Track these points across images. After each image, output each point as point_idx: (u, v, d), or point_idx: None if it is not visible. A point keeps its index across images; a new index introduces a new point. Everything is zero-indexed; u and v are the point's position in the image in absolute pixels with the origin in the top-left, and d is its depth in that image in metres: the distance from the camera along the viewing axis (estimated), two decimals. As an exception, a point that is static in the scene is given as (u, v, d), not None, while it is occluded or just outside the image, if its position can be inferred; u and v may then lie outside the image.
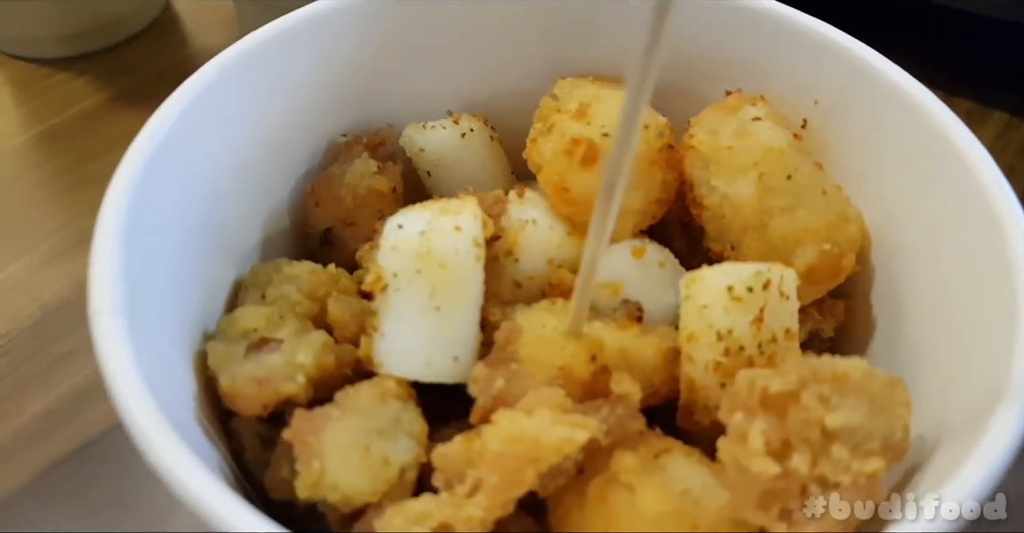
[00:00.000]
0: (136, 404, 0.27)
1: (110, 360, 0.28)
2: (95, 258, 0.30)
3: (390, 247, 0.35)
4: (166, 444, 0.26)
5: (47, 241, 0.61)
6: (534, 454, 0.31)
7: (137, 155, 0.33)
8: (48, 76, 0.76)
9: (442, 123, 0.43)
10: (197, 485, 0.26)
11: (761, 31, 0.42)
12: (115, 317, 0.28)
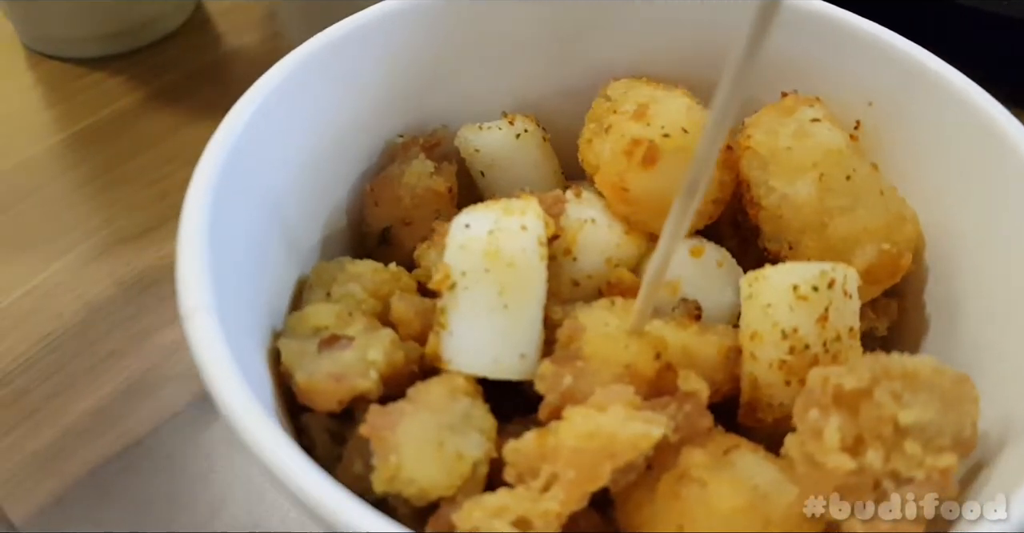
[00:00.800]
0: (239, 401, 0.27)
1: (209, 357, 0.28)
2: (183, 257, 0.30)
3: (458, 246, 0.36)
4: (273, 440, 0.27)
5: (88, 240, 0.62)
6: (610, 450, 0.31)
7: (215, 154, 0.33)
8: (82, 76, 0.77)
9: (497, 124, 0.44)
10: (310, 480, 0.26)
11: (814, 33, 0.42)
12: (209, 314, 0.29)
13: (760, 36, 0.24)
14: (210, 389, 0.28)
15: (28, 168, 0.69)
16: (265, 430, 0.27)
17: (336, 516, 0.26)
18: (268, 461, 0.26)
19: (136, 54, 0.79)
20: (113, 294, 0.58)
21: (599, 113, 0.44)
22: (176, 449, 0.50)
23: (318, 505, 0.26)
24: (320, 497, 0.26)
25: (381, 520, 0.26)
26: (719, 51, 0.43)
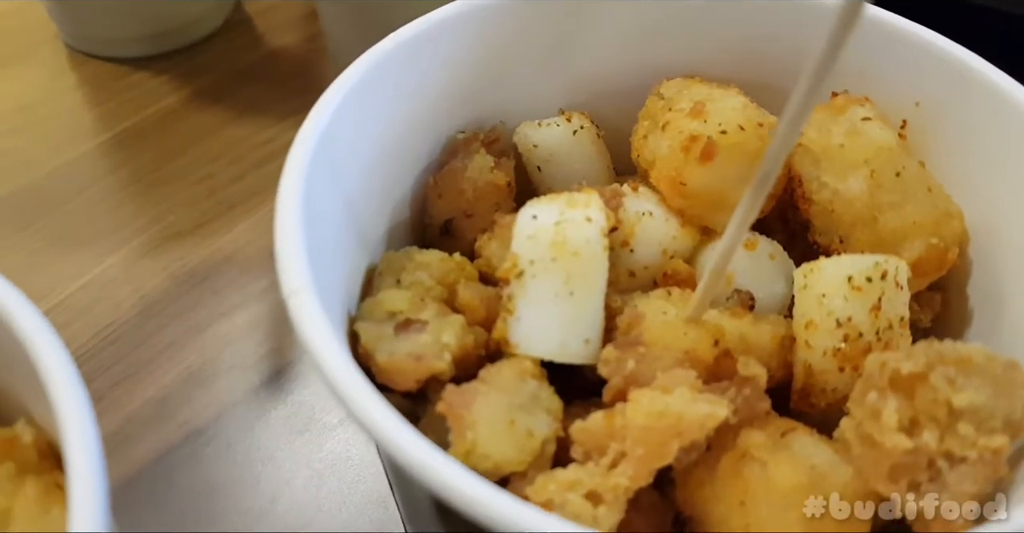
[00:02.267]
0: (349, 377, 0.29)
1: (315, 336, 0.30)
2: (282, 244, 0.32)
3: (526, 236, 0.37)
4: (385, 416, 0.28)
5: (141, 236, 0.63)
6: (678, 428, 0.33)
7: (304, 147, 0.35)
8: (125, 76, 0.79)
9: (555, 121, 0.45)
10: (422, 450, 0.27)
11: (864, 36, 0.43)
12: (311, 295, 0.31)
13: (843, 35, 0.25)
14: (317, 363, 0.30)
15: (77, 166, 0.71)
16: (374, 403, 0.28)
17: (453, 485, 0.27)
18: (379, 433, 0.28)
19: (177, 54, 0.81)
20: (168, 288, 0.60)
21: (653, 111, 0.45)
22: (236, 437, 0.52)
23: (430, 474, 0.27)
24: (435, 467, 0.27)
25: (492, 490, 0.27)
26: (768, 54, 0.45)
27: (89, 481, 0.26)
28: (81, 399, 0.28)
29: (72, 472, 0.26)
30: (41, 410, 0.34)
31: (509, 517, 0.27)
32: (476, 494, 0.27)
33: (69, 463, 0.26)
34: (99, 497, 0.25)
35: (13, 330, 0.30)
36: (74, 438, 0.27)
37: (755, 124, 0.41)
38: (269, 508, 0.49)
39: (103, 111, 0.76)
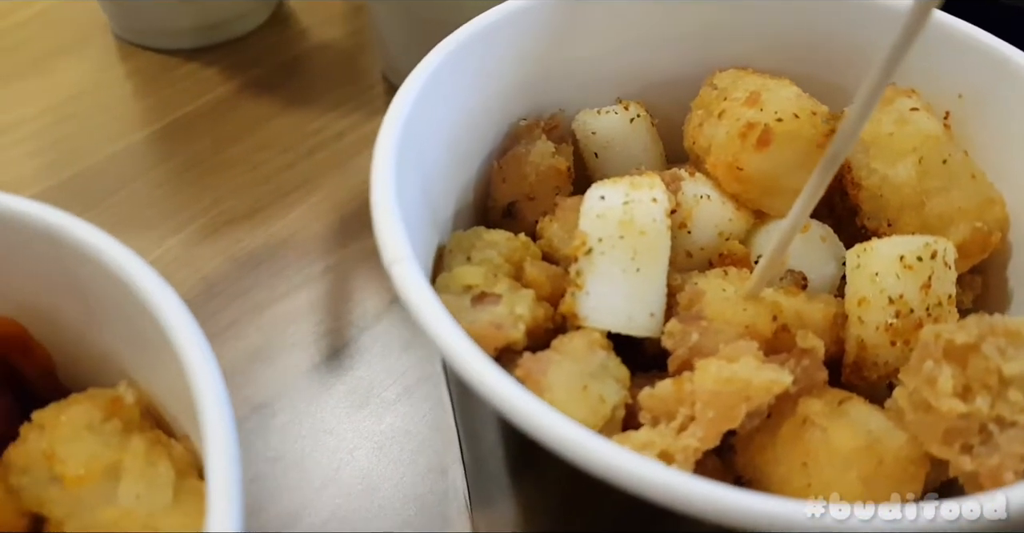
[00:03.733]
0: (454, 336, 0.31)
1: (419, 299, 0.32)
2: (380, 217, 0.34)
3: (595, 215, 0.40)
4: (491, 370, 0.30)
5: (199, 220, 0.66)
6: (746, 393, 0.35)
7: (391, 130, 0.37)
8: (175, 67, 0.81)
9: (613, 109, 0.48)
10: (534, 408, 0.29)
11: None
12: (412, 263, 0.33)
13: (917, 27, 0.28)
14: (425, 326, 0.32)
15: (132, 153, 0.73)
16: (479, 358, 0.30)
17: (573, 446, 0.29)
18: (486, 386, 0.30)
19: (224, 47, 0.84)
20: (227, 270, 0.62)
21: (707, 100, 0.47)
22: (300, 411, 0.54)
23: (548, 434, 0.29)
24: (552, 426, 0.29)
25: (612, 447, 0.29)
26: (815, 49, 0.48)
27: (227, 478, 0.27)
28: (224, 404, 0.29)
29: (211, 466, 0.28)
30: (150, 376, 0.36)
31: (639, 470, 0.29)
32: (589, 442, 0.29)
33: (208, 458, 0.28)
34: (236, 493, 0.27)
35: (142, 300, 0.32)
36: (216, 450, 0.28)
37: (809, 112, 0.43)
38: (334, 476, 0.51)
39: (154, 101, 0.79)
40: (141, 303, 0.32)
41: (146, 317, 0.32)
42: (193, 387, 0.29)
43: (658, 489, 0.28)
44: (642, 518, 0.35)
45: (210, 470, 0.28)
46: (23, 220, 0.34)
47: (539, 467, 0.36)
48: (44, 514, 0.33)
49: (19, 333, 0.39)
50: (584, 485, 0.33)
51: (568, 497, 0.37)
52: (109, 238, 0.33)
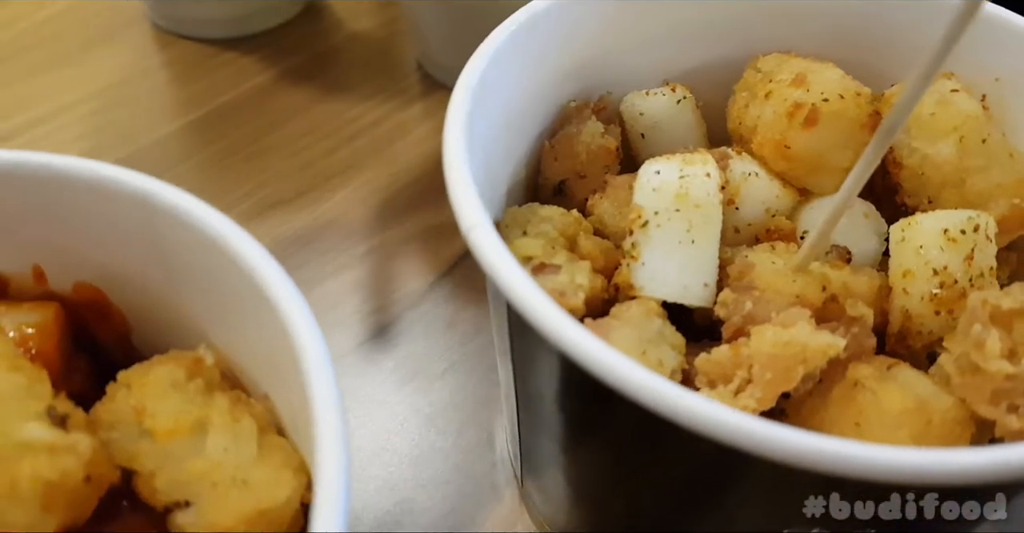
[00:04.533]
0: (538, 296, 0.32)
1: (498, 261, 0.33)
2: (455, 185, 0.36)
3: (651, 189, 0.41)
4: (572, 325, 0.32)
5: (244, 203, 0.68)
6: (803, 356, 0.36)
7: (460, 105, 0.39)
8: (214, 56, 0.83)
9: (661, 91, 0.49)
10: (622, 360, 0.31)
11: (944, 15, 0.47)
12: (489, 228, 0.35)
13: (971, 12, 0.29)
14: (504, 287, 0.33)
15: (175, 139, 0.75)
16: (563, 317, 0.32)
17: (651, 390, 0.30)
18: (572, 344, 0.31)
19: (261, 37, 0.86)
20: (274, 250, 0.62)
21: (751, 83, 0.49)
22: (350, 385, 0.56)
23: (628, 378, 0.31)
24: (632, 371, 0.31)
25: (686, 391, 0.30)
26: (855, 35, 0.49)
27: (337, 471, 0.27)
28: (327, 364, 0.30)
29: (321, 450, 0.28)
30: (229, 338, 0.38)
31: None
32: (666, 386, 0.30)
33: (318, 440, 0.29)
34: (344, 486, 0.27)
35: (237, 262, 0.33)
36: (327, 445, 0.28)
37: (854, 93, 0.45)
38: (385, 445, 0.53)
39: (194, 89, 0.81)
40: (236, 265, 0.33)
41: (240, 279, 0.33)
42: (297, 347, 0.30)
43: (731, 429, 0.29)
44: (699, 473, 0.36)
45: (320, 453, 0.28)
46: (113, 185, 0.36)
47: (603, 423, 0.37)
48: (134, 468, 0.35)
49: (99, 299, 0.41)
50: (646, 438, 0.35)
51: (632, 451, 0.38)
52: (201, 202, 0.35)
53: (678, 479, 0.37)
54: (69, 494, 0.31)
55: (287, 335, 0.31)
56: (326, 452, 0.28)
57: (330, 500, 0.27)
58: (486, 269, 0.34)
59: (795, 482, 0.33)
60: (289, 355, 0.31)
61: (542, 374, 0.38)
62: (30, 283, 0.40)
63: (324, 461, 0.28)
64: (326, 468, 0.28)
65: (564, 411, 0.39)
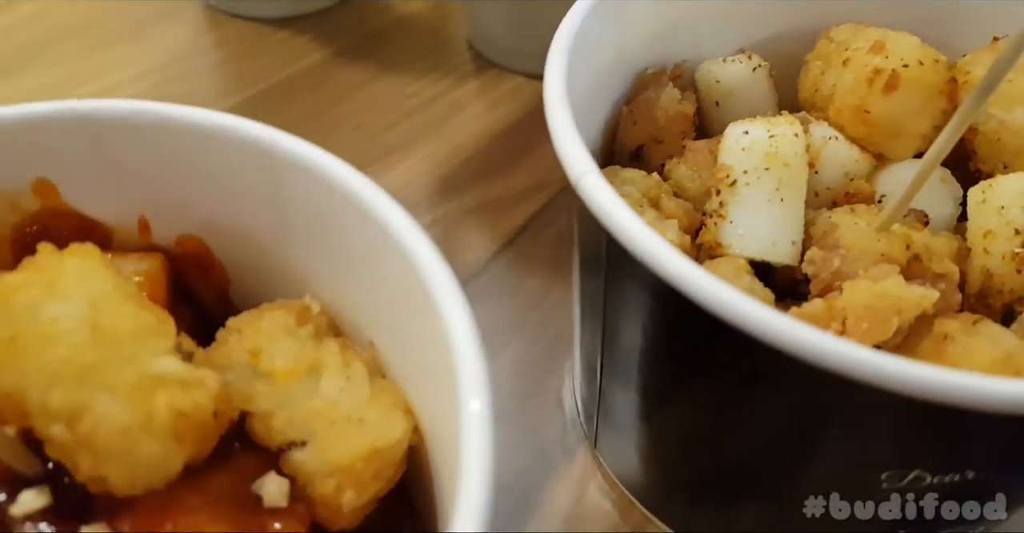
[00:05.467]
0: (653, 238, 0.33)
1: (613, 209, 0.34)
2: (561, 136, 0.37)
3: (740, 148, 0.42)
4: (690, 264, 0.33)
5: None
6: (898, 306, 0.37)
7: (557, 63, 0.40)
8: (267, 35, 0.84)
9: (738, 58, 0.50)
10: (745, 300, 0.32)
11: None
12: (598, 175, 0.36)
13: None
14: (619, 229, 0.34)
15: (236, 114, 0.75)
16: (683, 259, 0.33)
17: (766, 320, 0.31)
18: (681, 276, 0.32)
19: (312, 17, 0.87)
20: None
21: (825, 52, 0.50)
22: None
23: (743, 310, 0.31)
24: (747, 303, 0.32)
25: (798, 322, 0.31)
26: (926, 5, 0.50)
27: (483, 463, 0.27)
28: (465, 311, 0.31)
29: (466, 435, 0.27)
30: (336, 286, 0.39)
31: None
32: (779, 317, 0.32)
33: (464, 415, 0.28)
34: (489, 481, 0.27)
35: (364, 208, 0.34)
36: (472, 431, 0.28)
37: (932, 60, 0.46)
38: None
39: (250, 66, 0.82)
40: (361, 210, 0.34)
41: (364, 224, 0.34)
42: (436, 300, 0.31)
43: (848, 358, 0.30)
44: (800, 409, 0.37)
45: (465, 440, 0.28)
46: (233, 134, 0.37)
47: (704, 365, 0.38)
48: (249, 409, 0.36)
49: (201, 251, 0.42)
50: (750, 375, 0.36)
51: (731, 391, 0.39)
52: (322, 150, 0.36)
53: (776, 419, 0.38)
54: (199, 427, 0.32)
55: (419, 279, 0.32)
56: (472, 434, 0.28)
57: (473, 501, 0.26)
58: (599, 214, 0.35)
59: (901, 418, 0.34)
60: (420, 300, 0.32)
61: (644, 319, 0.39)
62: (134, 235, 0.41)
63: (470, 441, 0.27)
64: (472, 456, 0.27)
65: (662, 356, 0.40)
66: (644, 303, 0.38)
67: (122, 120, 0.38)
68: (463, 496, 0.26)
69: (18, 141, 0.38)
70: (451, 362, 0.30)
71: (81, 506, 0.33)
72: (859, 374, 0.30)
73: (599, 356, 0.45)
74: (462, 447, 0.28)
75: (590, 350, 0.47)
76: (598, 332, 0.44)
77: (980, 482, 0.35)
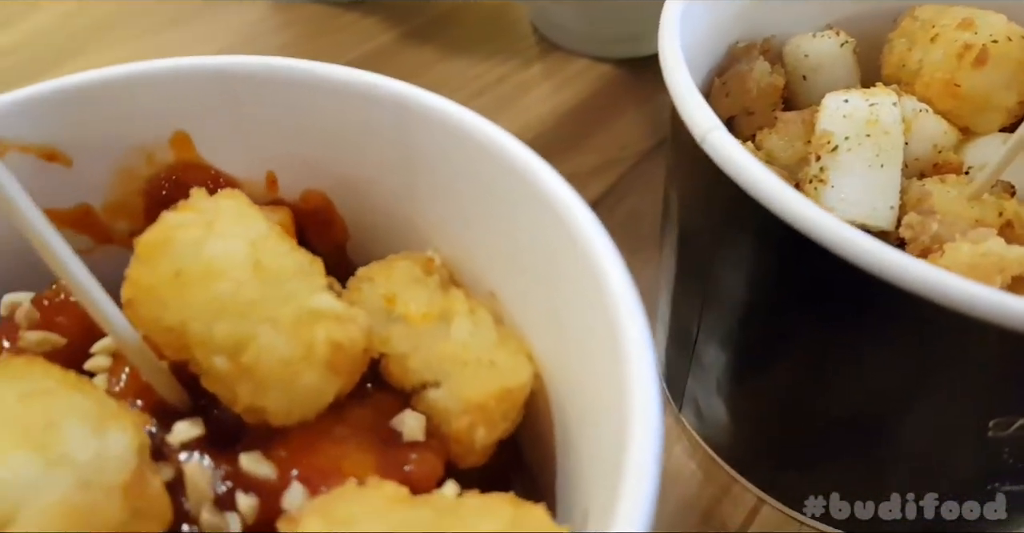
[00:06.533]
0: (787, 189, 0.35)
1: (741, 159, 0.36)
2: (684, 95, 0.39)
3: (842, 116, 0.44)
4: (824, 213, 0.34)
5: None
6: (1000, 265, 0.39)
7: (671, 29, 0.42)
8: (333, 18, 0.86)
9: (826, 34, 0.52)
10: (848, 228, 0.34)
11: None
12: (723, 129, 0.37)
13: None
14: (749, 180, 0.36)
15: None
16: (810, 203, 0.35)
17: (879, 255, 0.33)
18: (813, 221, 0.34)
19: (375, 2, 0.88)
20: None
21: (910, 30, 0.52)
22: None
23: (857, 244, 0.33)
24: (863, 238, 0.33)
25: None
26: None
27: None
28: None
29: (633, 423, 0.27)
30: (458, 237, 0.40)
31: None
32: (893, 251, 0.33)
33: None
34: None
35: (508, 161, 0.36)
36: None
37: (1020, 36, 0.47)
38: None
39: (317, 47, 0.84)
40: (502, 162, 0.35)
41: (507, 176, 0.35)
42: (590, 247, 0.32)
43: (969, 294, 0.32)
44: (913, 351, 0.38)
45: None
46: (369, 89, 0.39)
47: (829, 312, 0.40)
48: (385, 351, 0.37)
49: (325, 206, 0.43)
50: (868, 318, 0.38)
51: (843, 337, 0.40)
52: (458, 105, 0.37)
53: (888, 365, 0.39)
54: (351, 360, 0.34)
55: (566, 226, 0.33)
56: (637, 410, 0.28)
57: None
58: (727, 166, 0.37)
59: (1020, 360, 0.35)
60: (567, 247, 0.33)
61: (761, 272, 0.41)
62: (261, 190, 0.43)
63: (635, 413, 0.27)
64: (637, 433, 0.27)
65: (776, 309, 0.42)
66: (763, 254, 0.39)
67: (260, 76, 0.39)
68: (631, 466, 0.26)
69: (160, 95, 0.40)
70: (608, 313, 0.31)
71: (231, 437, 0.35)
72: (986, 312, 0.31)
73: (697, 319, 0.47)
74: (628, 406, 0.28)
75: (684, 315, 0.49)
76: (698, 295, 0.46)
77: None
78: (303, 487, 0.32)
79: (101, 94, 0.39)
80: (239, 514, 0.32)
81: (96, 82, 0.39)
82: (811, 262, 0.35)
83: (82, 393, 0.31)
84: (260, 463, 0.33)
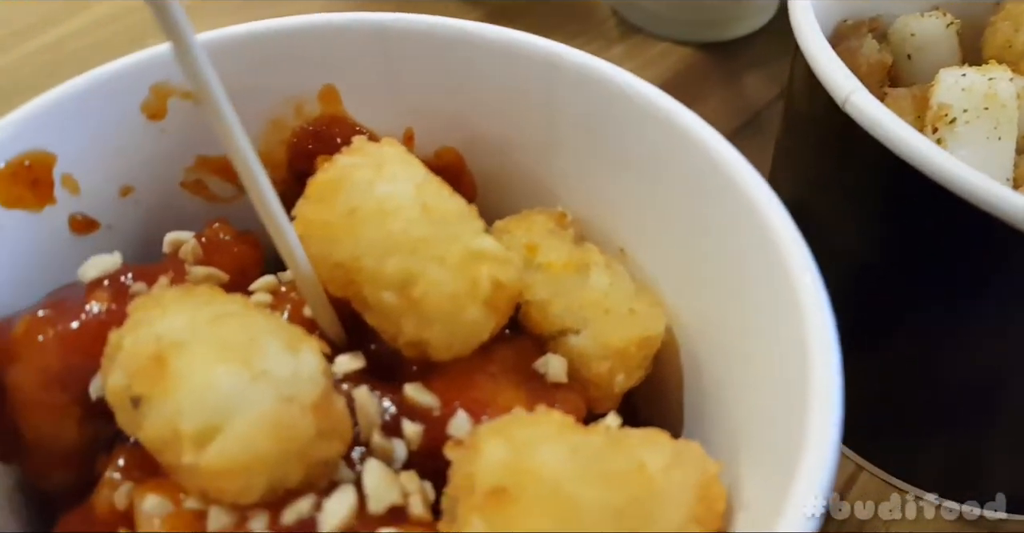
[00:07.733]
0: (935, 147, 0.36)
1: (888, 120, 0.38)
2: (823, 61, 0.40)
3: (960, 89, 0.45)
4: (982, 176, 0.36)
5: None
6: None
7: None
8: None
9: (933, 14, 0.53)
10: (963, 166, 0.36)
11: None
12: (865, 90, 0.39)
13: None
14: (897, 138, 0.37)
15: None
16: (960, 162, 0.36)
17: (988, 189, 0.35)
18: (976, 188, 0.36)
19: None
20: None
21: (1015, 12, 0.53)
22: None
23: (970, 181, 0.35)
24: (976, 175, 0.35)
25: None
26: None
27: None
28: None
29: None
30: (586, 194, 0.42)
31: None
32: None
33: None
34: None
35: (664, 118, 0.37)
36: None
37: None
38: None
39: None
40: (658, 119, 0.37)
41: (665, 133, 0.36)
42: (758, 204, 0.33)
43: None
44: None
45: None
46: (520, 48, 0.40)
47: (958, 276, 0.41)
48: (526, 298, 0.39)
49: (457, 164, 0.45)
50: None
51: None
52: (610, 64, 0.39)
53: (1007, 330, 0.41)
54: (508, 299, 0.36)
55: (732, 184, 0.34)
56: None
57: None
58: (871, 125, 0.38)
59: None
60: (731, 204, 0.34)
61: (896, 231, 0.42)
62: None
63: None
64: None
65: (908, 271, 0.43)
66: (902, 213, 0.41)
67: (417, 33, 0.41)
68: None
69: (313, 48, 0.42)
70: (782, 272, 0.32)
71: (387, 372, 0.36)
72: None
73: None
74: (812, 368, 0.29)
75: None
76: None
77: None
78: (468, 415, 0.33)
79: (257, 46, 0.41)
80: (404, 440, 0.34)
81: (253, 34, 0.41)
82: (955, 220, 0.36)
83: (271, 316, 0.32)
84: (424, 393, 0.34)
